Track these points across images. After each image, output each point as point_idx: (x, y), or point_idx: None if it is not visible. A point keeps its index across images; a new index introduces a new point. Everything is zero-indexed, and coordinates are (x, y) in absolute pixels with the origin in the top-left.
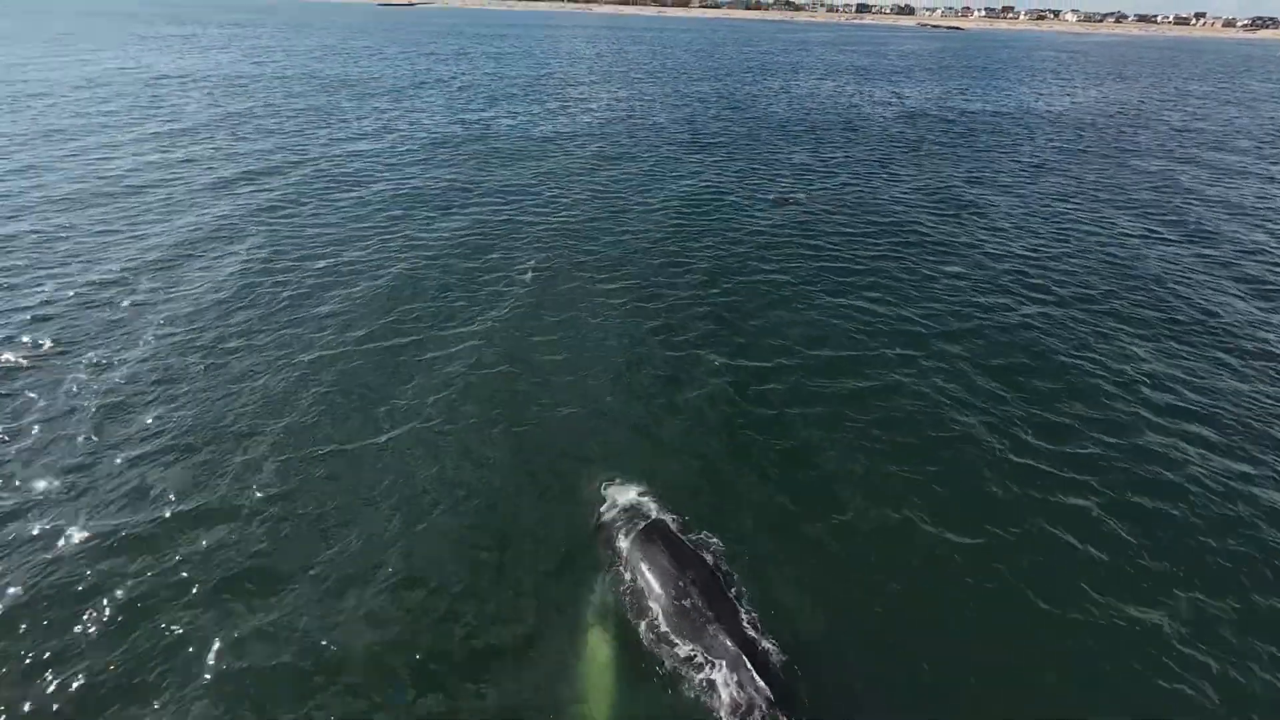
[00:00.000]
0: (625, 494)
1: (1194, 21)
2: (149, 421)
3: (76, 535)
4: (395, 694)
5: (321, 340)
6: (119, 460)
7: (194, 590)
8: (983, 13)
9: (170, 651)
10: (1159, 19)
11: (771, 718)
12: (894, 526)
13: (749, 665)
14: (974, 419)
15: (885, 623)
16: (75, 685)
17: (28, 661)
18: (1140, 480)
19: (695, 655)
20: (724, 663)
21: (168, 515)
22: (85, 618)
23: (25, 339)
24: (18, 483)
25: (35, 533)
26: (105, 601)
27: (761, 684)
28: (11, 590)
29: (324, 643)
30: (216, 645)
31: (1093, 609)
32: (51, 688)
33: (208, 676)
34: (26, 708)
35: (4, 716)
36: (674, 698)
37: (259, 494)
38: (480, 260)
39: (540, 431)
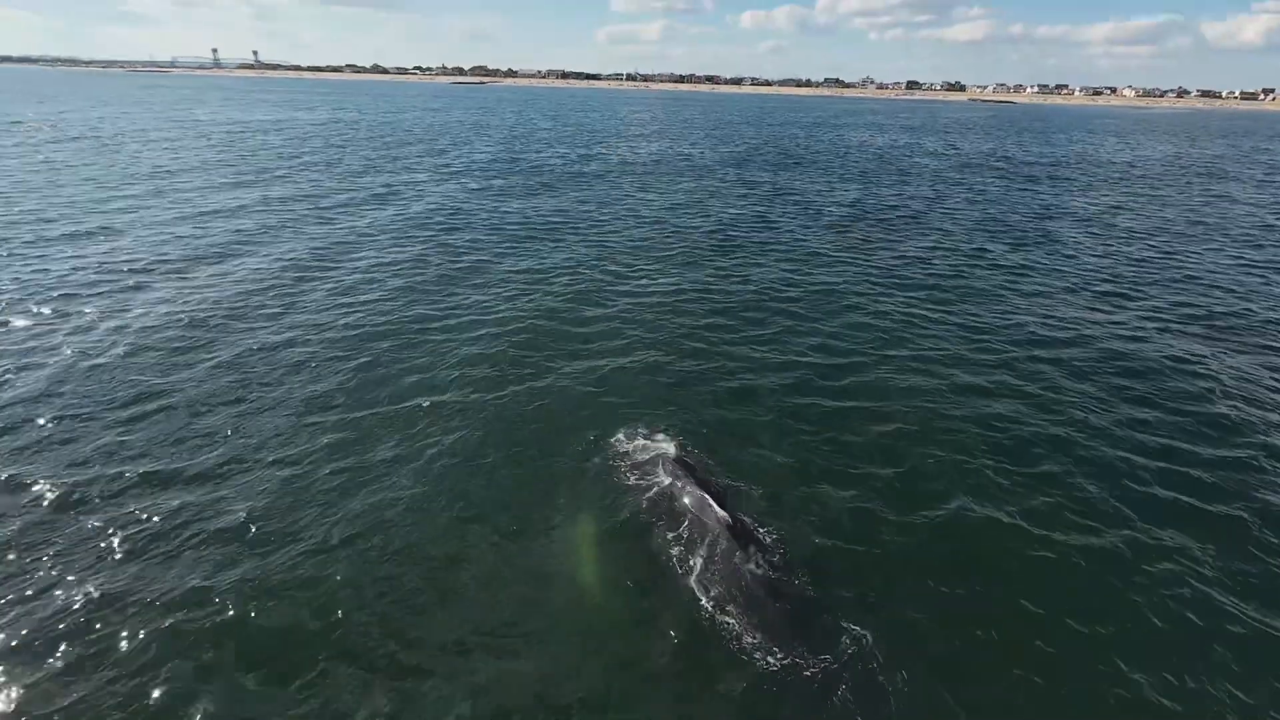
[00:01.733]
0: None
1: (1262, 97)
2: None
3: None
4: (436, 544)
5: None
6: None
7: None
8: (1035, 89)
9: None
10: (1224, 94)
11: (730, 542)
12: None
13: (711, 502)
14: (1034, 426)
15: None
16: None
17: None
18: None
19: (663, 501)
20: (689, 501)
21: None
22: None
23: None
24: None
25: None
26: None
27: (722, 513)
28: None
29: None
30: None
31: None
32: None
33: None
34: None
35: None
36: (647, 544)
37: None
38: (545, 274)
39: (591, 401)
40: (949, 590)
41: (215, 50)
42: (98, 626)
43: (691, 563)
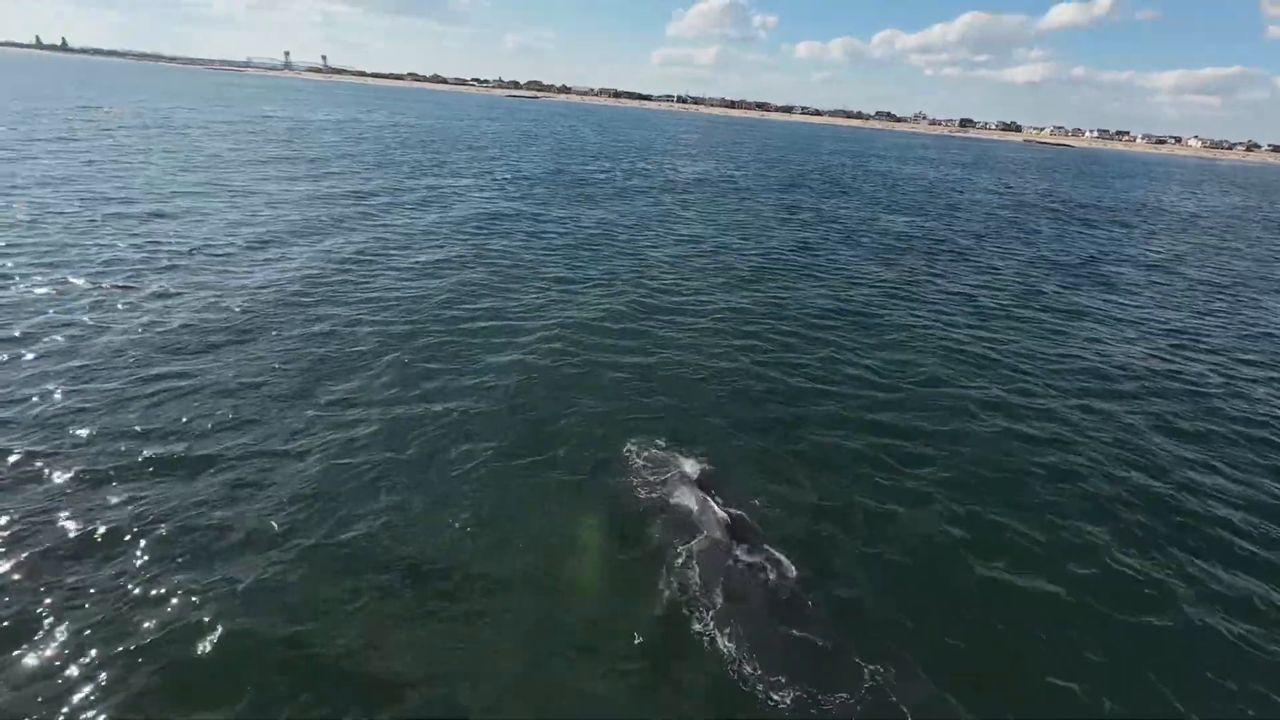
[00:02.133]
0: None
1: None
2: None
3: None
4: (438, 552)
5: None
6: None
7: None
8: (1095, 133)
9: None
10: None
11: (742, 567)
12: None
13: (726, 524)
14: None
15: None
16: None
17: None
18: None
19: (676, 519)
20: (703, 521)
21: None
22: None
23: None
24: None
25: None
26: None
27: (721, 514)
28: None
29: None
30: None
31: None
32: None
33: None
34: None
35: None
36: (655, 563)
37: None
38: (587, 284)
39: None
40: (970, 647)
41: (287, 53)
42: (70, 616)
43: (701, 586)
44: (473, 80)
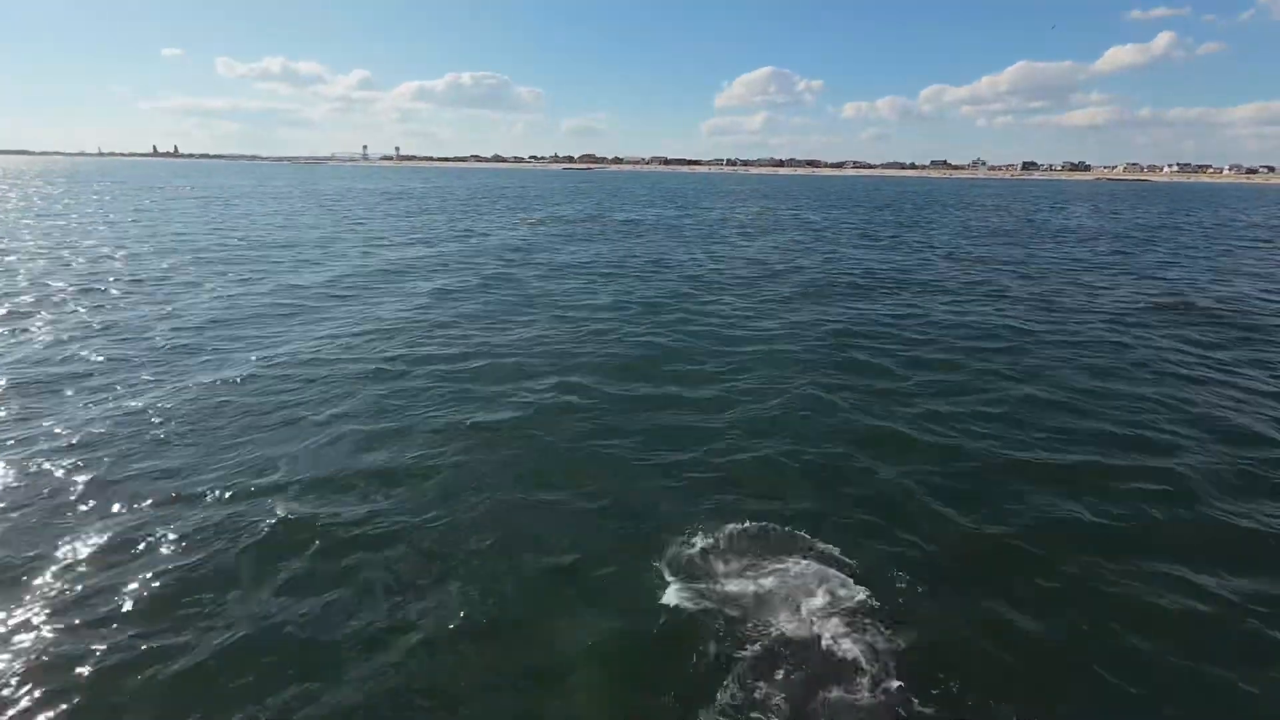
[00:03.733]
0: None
1: None
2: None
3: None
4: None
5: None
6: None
7: None
8: (1174, 168)
9: None
10: None
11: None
12: None
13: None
14: None
15: None
16: None
17: None
18: None
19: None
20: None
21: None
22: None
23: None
24: None
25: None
26: None
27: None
28: None
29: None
30: None
31: None
32: None
33: None
34: None
35: None
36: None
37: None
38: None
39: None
40: None
41: (365, 147)
42: None
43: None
44: (529, 157)
